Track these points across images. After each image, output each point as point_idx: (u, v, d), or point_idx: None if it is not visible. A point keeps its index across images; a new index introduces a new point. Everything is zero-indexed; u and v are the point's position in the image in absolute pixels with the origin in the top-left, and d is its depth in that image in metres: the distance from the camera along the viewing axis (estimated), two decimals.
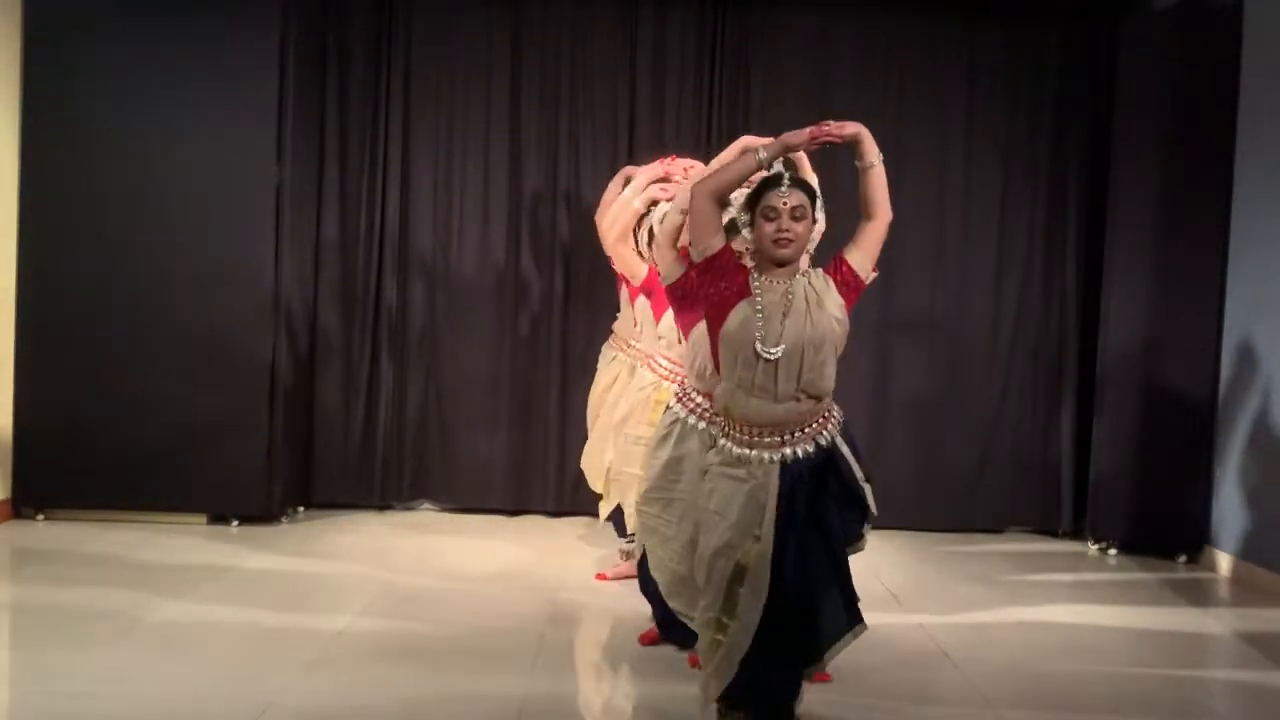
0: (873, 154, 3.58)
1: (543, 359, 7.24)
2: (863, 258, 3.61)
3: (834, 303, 3.56)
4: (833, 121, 3.59)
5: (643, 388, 5.11)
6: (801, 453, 3.53)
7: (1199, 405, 6.52)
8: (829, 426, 3.59)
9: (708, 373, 4.08)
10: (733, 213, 3.74)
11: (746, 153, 3.66)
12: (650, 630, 4.74)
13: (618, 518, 5.61)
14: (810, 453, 3.54)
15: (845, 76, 7.10)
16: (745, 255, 3.69)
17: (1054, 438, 7.26)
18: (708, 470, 3.66)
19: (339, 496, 7.16)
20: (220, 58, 6.44)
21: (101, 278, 6.45)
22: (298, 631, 4.74)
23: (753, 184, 3.66)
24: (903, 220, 6.89)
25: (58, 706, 3.88)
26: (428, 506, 7.30)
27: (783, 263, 3.55)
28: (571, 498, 7.17)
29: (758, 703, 3.64)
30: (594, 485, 5.72)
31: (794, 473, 3.52)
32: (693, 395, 4.23)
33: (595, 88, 7.24)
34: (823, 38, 7.24)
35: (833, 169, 4.44)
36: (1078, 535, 7.10)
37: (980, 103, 7.26)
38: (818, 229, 3.72)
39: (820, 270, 3.62)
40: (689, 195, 3.70)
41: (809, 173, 4.11)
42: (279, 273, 6.55)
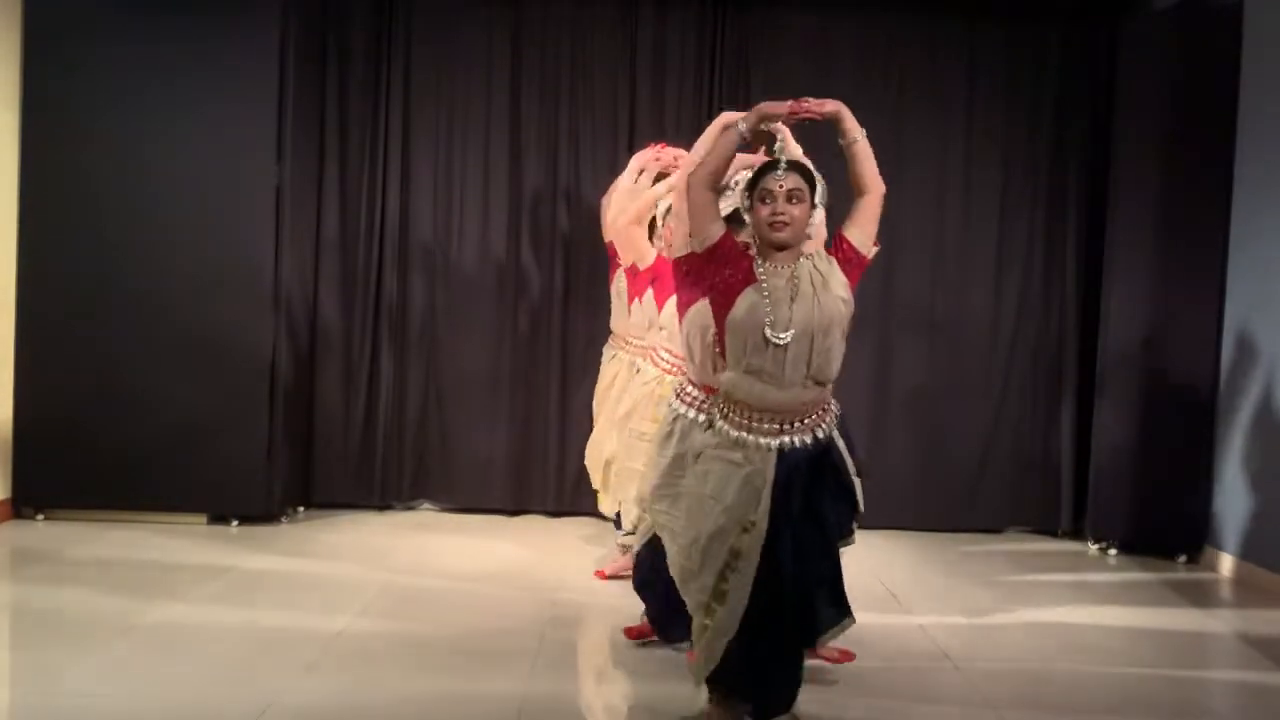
0: (854, 130, 3.59)
1: (543, 358, 7.24)
2: (861, 233, 3.61)
3: (839, 283, 3.55)
4: (812, 99, 3.59)
5: (646, 383, 5.10)
6: (799, 443, 3.53)
7: (1199, 405, 6.52)
8: (827, 419, 3.59)
9: (702, 362, 4.05)
10: (736, 202, 3.73)
11: (727, 129, 3.63)
12: (640, 625, 4.73)
13: (617, 512, 5.61)
14: (808, 444, 3.54)
15: (845, 76, 7.09)
16: (751, 245, 3.67)
17: (1054, 437, 7.27)
18: (701, 453, 3.64)
19: (339, 496, 7.16)
20: (220, 57, 6.44)
21: (101, 277, 6.45)
22: (297, 631, 4.74)
23: (753, 167, 3.66)
24: (903, 220, 7.08)
25: (57, 706, 3.88)
26: (428, 506, 7.30)
27: (780, 246, 3.54)
28: (571, 498, 7.18)
29: (755, 693, 3.63)
30: (594, 482, 5.71)
31: (791, 463, 3.51)
32: (689, 390, 4.21)
33: (595, 87, 7.24)
34: (823, 38, 7.24)
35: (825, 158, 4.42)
36: (1078, 535, 7.10)
37: (980, 103, 7.26)
38: (818, 219, 3.72)
39: (823, 251, 3.61)
40: (684, 184, 3.69)
41: (793, 146, 4.08)
42: (279, 272, 6.55)
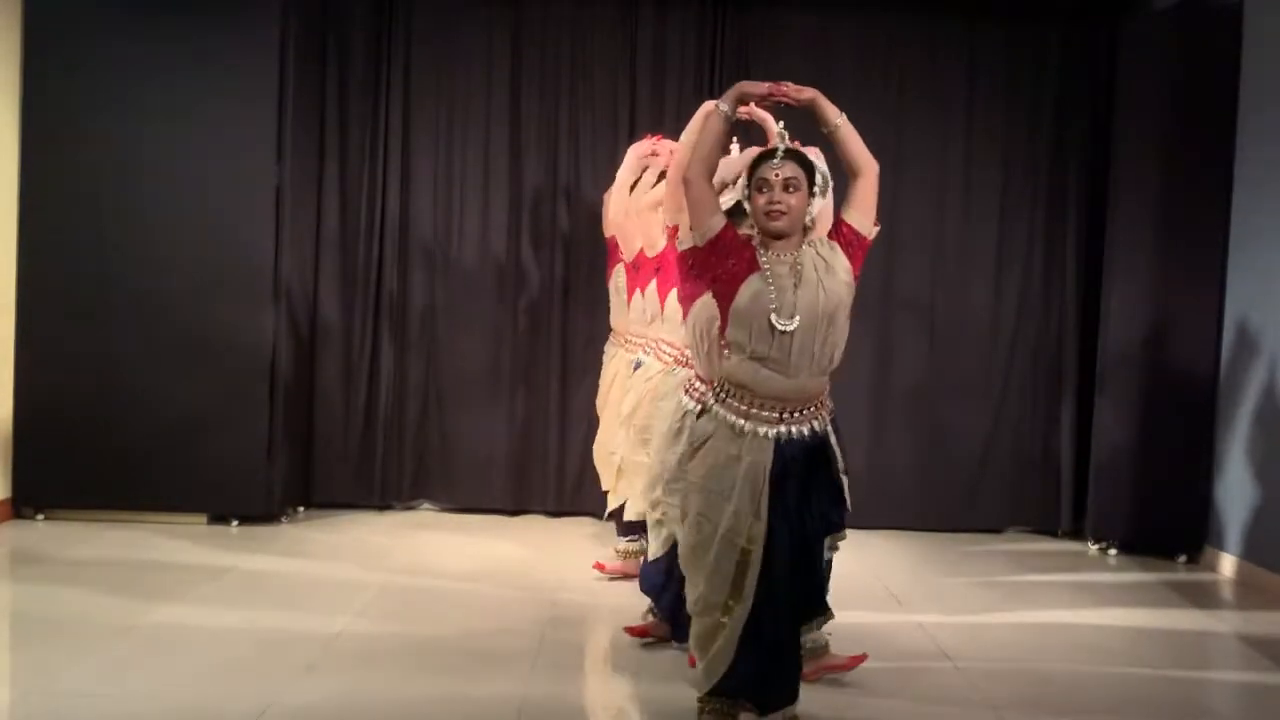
0: (834, 116, 3.59)
1: (543, 357, 7.24)
2: (860, 215, 3.61)
3: (842, 267, 3.56)
4: (791, 84, 3.60)
5: (649, 378, 5.08)
6: (796, 433, 3.53)
7: (1199, 405, 6.52)
8: (823, 413, 3.59)
9: (709, 355, 4.04)
10: (737, 195, 3.74)
11: (710, 115, 3.63)
12: (642, 625, 4.73)
13: (618, 516, 5.60)
14: (805, 435, 3.54)
15: (845, 76, 7.09)
16: (754, 236, 3.67)
17: (1054, 437, 7.26)
18: (702, 444, 3.60)
19: (339, 496, 7.15)
20: (220, 57, 6.44)
21: (101, 277, 6.45)
22: (297, 632, 4.74)
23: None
24: (903, 220, 7.08)
25: (57, 706, 3.88)
26: (428, 506, 7.30)
27: (778, 235, 3.54)
28: (572, 498, 7.18)
29: (757, 689, 3.63)
30: (604, 483, 5.70)
31: (787, 455, 3.51)
32: (698, 385, 4.21)
33: (595, 87, 7.24)
34: (823, 38, 7.24)
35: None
36: (1078, 535, 7.10)
37: (980, 103, 7.26)
38: (822, 209, 3.71)
39: (824, 236, 3.62)
40: (679, 175, 3.69)
41: (774, 134, 4.08)
42: (279, 271, 6.55)
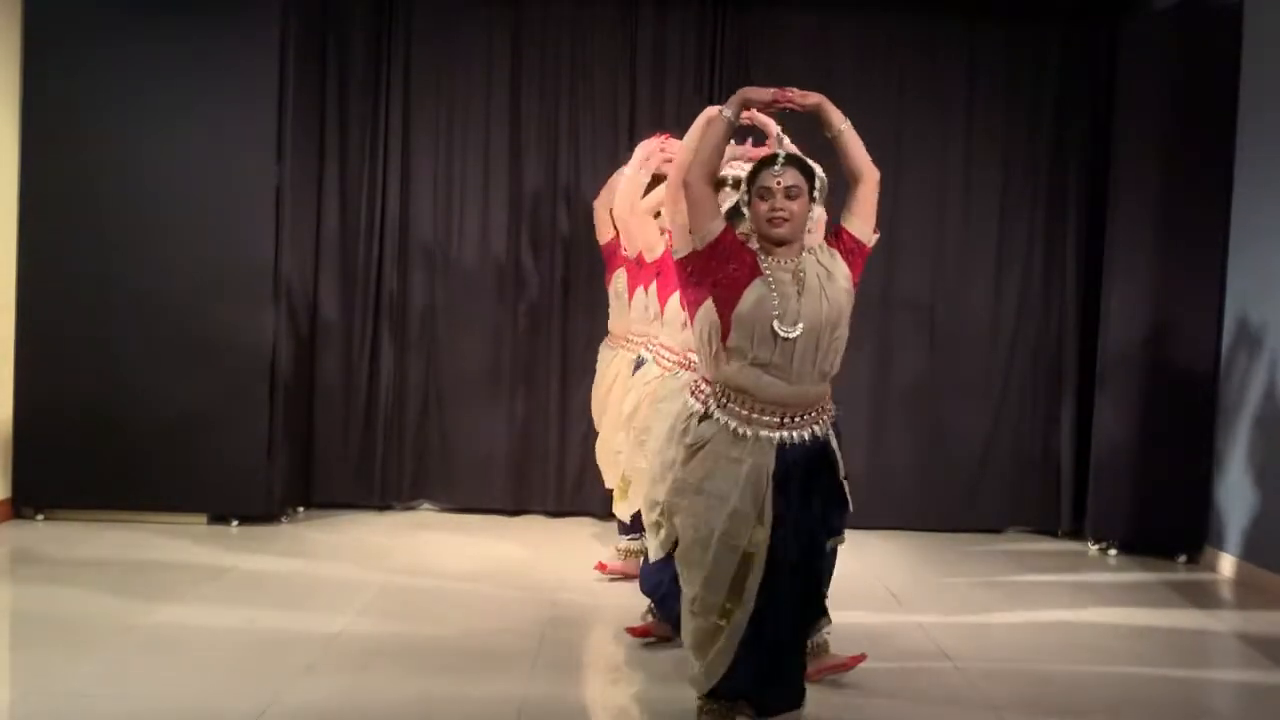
0: (838, 121, 3.59)
1: (543, 357, 7.24)
2: (860, 222, 3.61)
3: (842, 274, 3.56)
4: (796, 89, 3.59)
5: (648, 381, 5.09)
6: (797, 438, 3.53)
7: (1199, 405, 6.52)
8: (825, 417, 3.59)
9: (715, 358, 4.02)
10: (735, 197, 3.73)
11: (713, 120, 3.62)
12: (644, 625, 4.73)
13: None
14: (806, 440, 3.54)
15: (845, 76, 7.09)
16: (751, 238, 3.66)
17: (1054, 438, 7.26)
18: (703, 448, 3.60)
19: (339, 496, 7.15)
20: (220, 57, 6.43)
21: (101, 277, 6.44)
22: (297, 632, 4.74)
23: (753, 159, 3.66)
24: (903, 220, 7.08)
25: (57, 706, 3.88)
26: (428, 506, 7.30)
27: (780, 242, 3.54)
28: (572, 498, 7.18)
29: (758, 693, 3.62)
30: (608, 481, 5.69)
31: (789, 459, 3.51)
32: (704, 387, 4.19)
33: (595, 87, 7.24)
34: (823, 38, 7.24)
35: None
36: (1078, 535, 7.10)
37: (980, 103, 7.26)
38: (818, 217, 3.71)
39: (824, 243, 3.61)
40: (679, 178, 3.67)
41: (774, 137, 4.06)
42: (279, 271, 6.54)
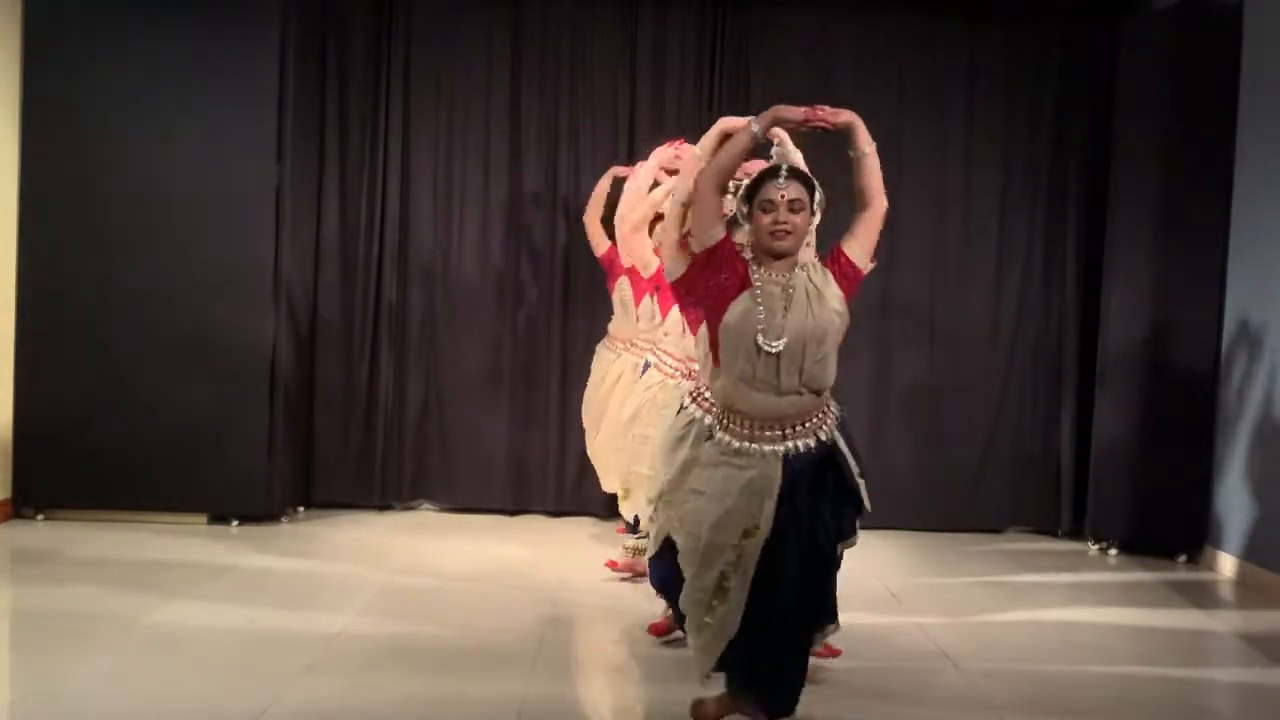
0: (865, 142, 3.55)
1: (542, 357, 7.24)
2: (860, 248, 3.59)
3: (834, 295, 3.54)
4: (827, 107, 3.57)
5: (649, 387, 5.09)
6: (803, 446, 3.52)
7: (1199, 405, 6.52)
8: (829, 421, 3.58)
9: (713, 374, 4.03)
10: (733, 205, 3.72)
11: (738, 131, 3.58)
12: (662, 621, 4.72)
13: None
14: (812, 447, 3.53)
15: (845, 76, 7.09)
16: (745, 248, 3.66)
17: (1054, 438, 7.26)
18: (705, 462, 3.61)
19: (339, 496, 7.16)
20: (220, 57, 6.44)
21: (101, 278, 6.45)
22: (298, 632, 4.74)
23: (749, 174, 3.64)
24: (902, 220, 7.05)
25: (57, 707, 3.88)
26: (428, 506, 7.30)
27: (780, 255, 3.53)
28: (572, 498, 7.18)
29: (758, 694, 3.62)
30: (605, 484, 5.68)
31: (796, 468, 3.50)
32: (706, 394, 4.19)
33: (595, 87, 7.24)
34: (823, 38, 7.24)
35: (830, 161, 4.41)
36: (1078, 535, 7.10)
37: (980, 103, 7.26)
38: (813, 221, 3.71)
39: (818, 263, 3.60)
40: (690, 186, 3.67)
41: (793, 153, 4.06)
42: (279, 272, 6.55)
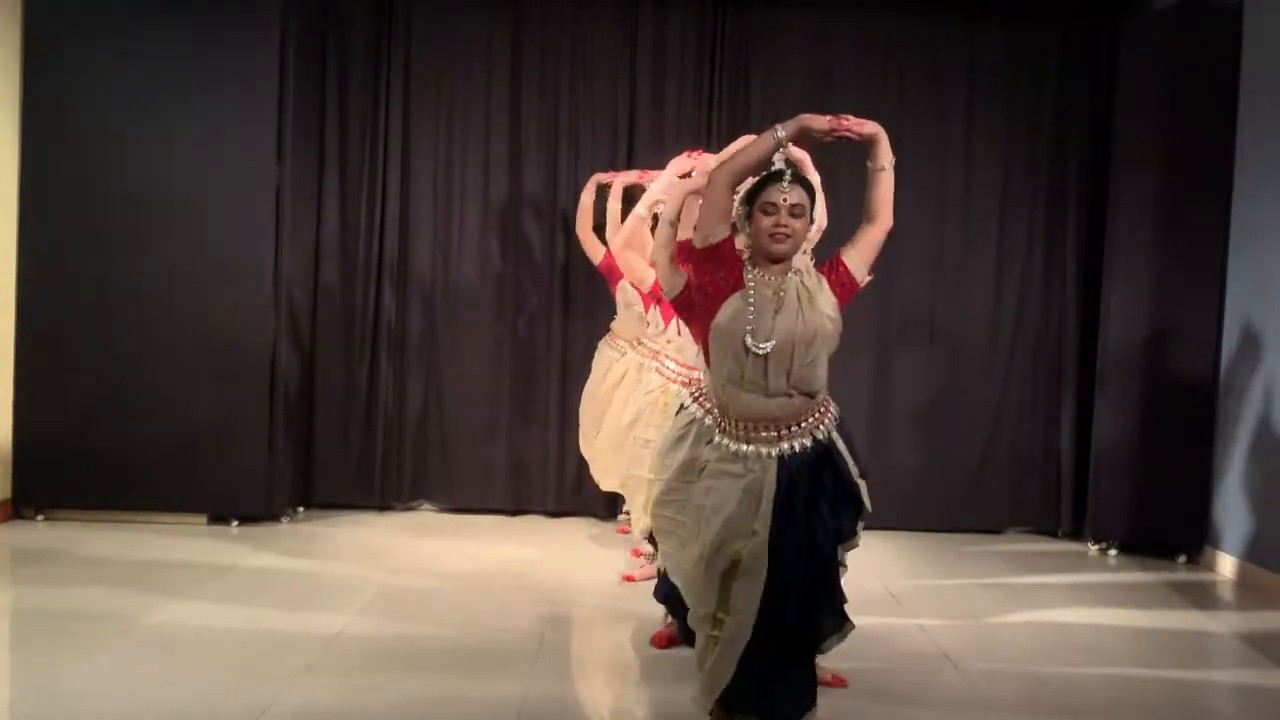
0: (885, 157, 3.54)
1: (542, 358, 7.24)
2: (860, 260, 3.59)
3: (827, 301, 3.53)
4: (852, 117, 3.56)
5: (650, 391, 5.10)
6: (799, 447, 3.51)
7: (1199, 405, 6.52)
8: (825, 421, 3.57)
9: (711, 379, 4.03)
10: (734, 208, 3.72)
11: (764, 134, 3.54)
12: (663, 631, 4.72)
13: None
14: (808, 447, 3.53)
15: (845, 76, 7.09)
16: (743, 251, 3.66)
17: (1054, 438, 7.26)
18: (704, 467, 3.62)
19: (339, 496, 7.16)
20: (220, 57, 6.44)
21: (102, 278, 6.45)
22: (298, 632, 4.74)
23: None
24: (902, 220, 6.87)
25: (57, 707, 3.88)
26: (428, 507, 7.30)
27: (777, 258, 3.53)
28: (572, 498, 7.19)
29: (761, 707, 3.61)
30: (603, 484, 5.68)
31: (792, 468, 3.50)
32: (709, 395, 4.19)
33: (595, 87, 7.24)
34: (823, 38, 7.24)
35: (832, 170, 4.43)
36: (1078, 535, 7.10)
37: (980, 103, 7.26)
38: (816, 227, 3.70)
39: (814, 270, 3.60)
40: (679, 201, 3.66)
41: (811, 171, 4.08)
42: (279, 272, 6.55)
